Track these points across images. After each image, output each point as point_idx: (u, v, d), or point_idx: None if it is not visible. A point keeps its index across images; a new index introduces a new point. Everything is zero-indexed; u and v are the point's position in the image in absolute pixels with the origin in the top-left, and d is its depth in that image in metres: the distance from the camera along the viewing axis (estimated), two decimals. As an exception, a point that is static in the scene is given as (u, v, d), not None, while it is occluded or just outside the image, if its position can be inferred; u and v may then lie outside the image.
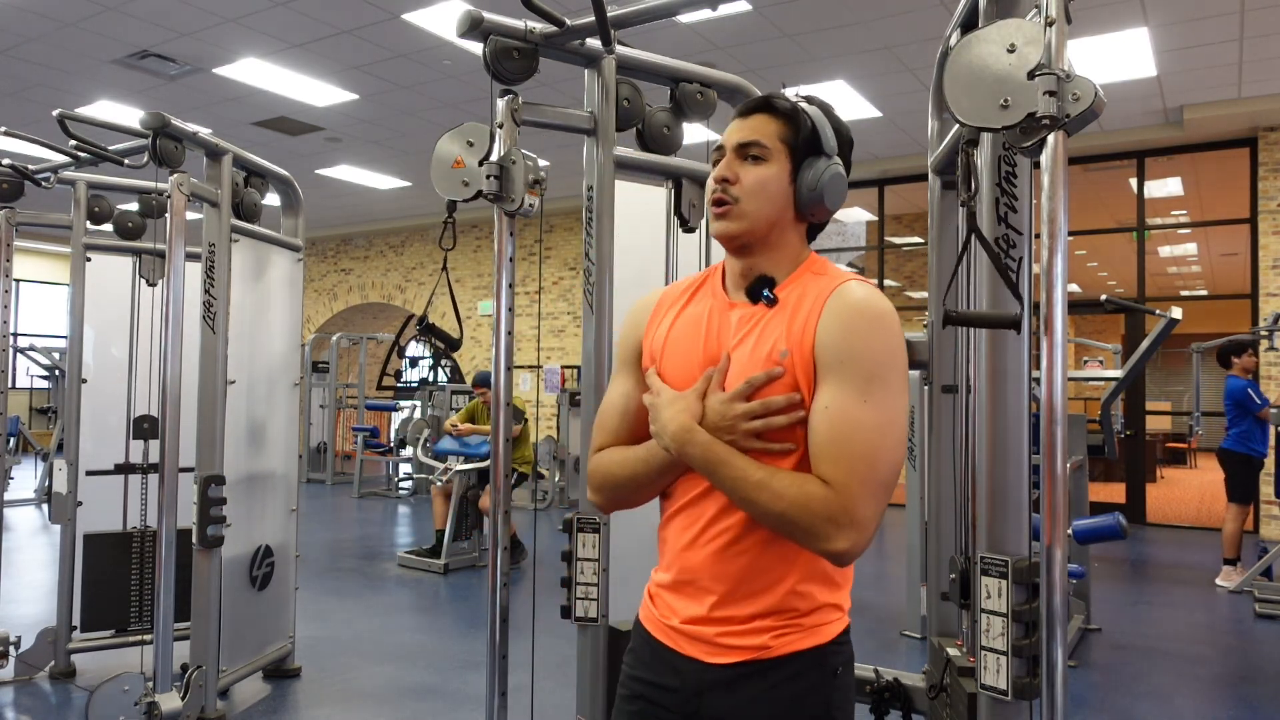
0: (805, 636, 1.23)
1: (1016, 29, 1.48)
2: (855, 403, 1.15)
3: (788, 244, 1.30)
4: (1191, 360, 7.80)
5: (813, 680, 1.22)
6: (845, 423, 1.15)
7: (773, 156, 1.28)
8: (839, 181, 1.30)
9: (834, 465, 1.14)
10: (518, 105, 2.18)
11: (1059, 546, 1.49)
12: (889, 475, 1.16)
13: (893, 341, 1.19)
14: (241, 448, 3.76)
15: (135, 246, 4.23)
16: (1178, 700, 3.94)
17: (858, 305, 1.19)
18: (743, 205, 1.26)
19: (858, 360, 1.16)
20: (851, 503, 1.13)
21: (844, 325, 1.18)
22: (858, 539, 1.14)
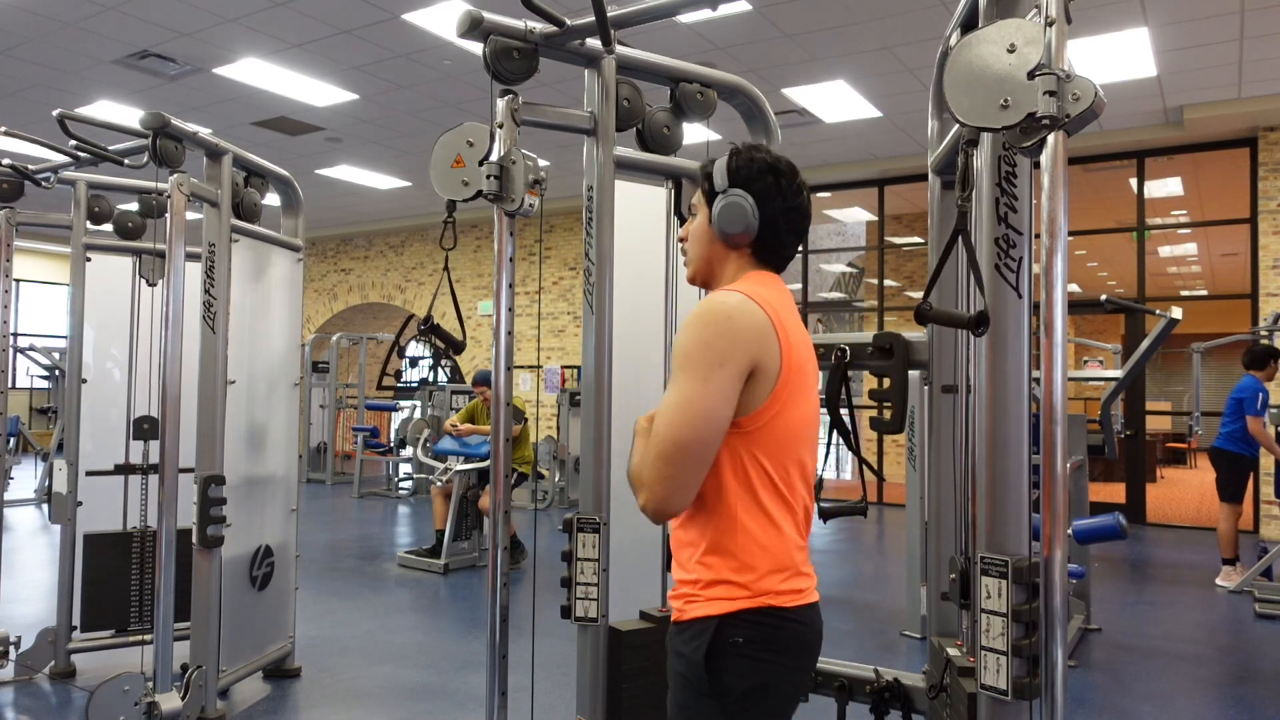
0: (700, 606, 1.45)
1: (1016, 29, 1.49)
2: (667, 390, 1.43)
3: (725, 270, 1.59)
4: (1191, 360, 7.80)
5: (699, 641, 1.43)
6: (660, 407, 1.42)
7: (699, 209, 1.62)
8: (728, 209, 1.55)
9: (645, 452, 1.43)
10: (518, 105, 2.18)
11: (1059, 546, 1.50)
12: (669, 449, 1.38)
13: (697, 334, 1.41)
14: (241, 448, 3.76)
15: (135, 246, 4.23)
16: (1178, 700, 3.94)
17: (691, 312, 1.46)
18: (689, 253, 1.62)
19: (674, 354, 1.44)
20: (643, 469, 1.41)
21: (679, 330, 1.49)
22: (647, 498, 1.41)
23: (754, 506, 1.44)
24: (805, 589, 1.50)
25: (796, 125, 8.41)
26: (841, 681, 2.44)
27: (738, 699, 1.43)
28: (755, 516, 1.44)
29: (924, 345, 2.29)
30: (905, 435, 5.22)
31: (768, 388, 1.42)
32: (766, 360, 1.42)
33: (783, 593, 1.46)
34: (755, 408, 1.42)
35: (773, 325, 1.43)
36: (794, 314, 1.54)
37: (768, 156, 1.57)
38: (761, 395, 1.42)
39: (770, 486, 1.45)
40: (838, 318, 16.59)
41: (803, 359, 1.49)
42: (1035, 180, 1.69)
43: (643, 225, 2.56)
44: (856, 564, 7.17)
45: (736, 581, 1.44)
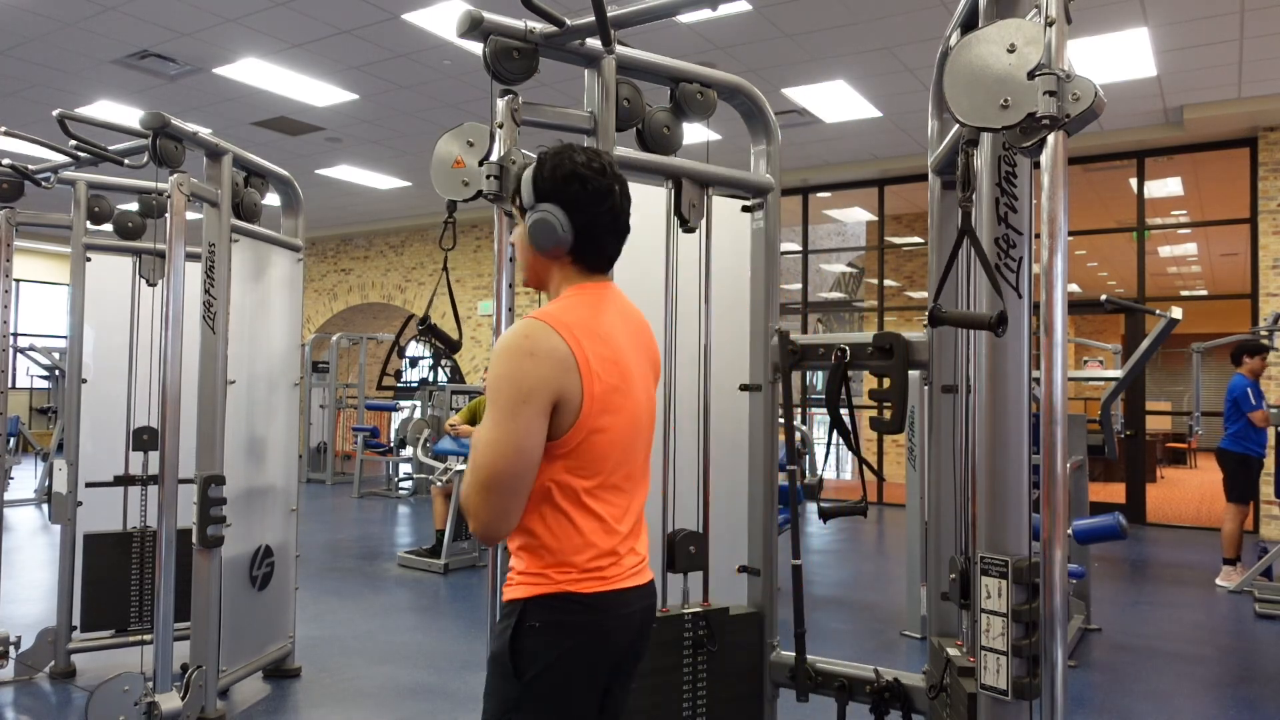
0: (515, 589, 1.57)
1: (1016, 29, 1.49)
2: (483, 421, 1.49)
3: (551, 280, 1.65)
4: (1191, 360, 7.79)
5: (508, 624, 1.56)
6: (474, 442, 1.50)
7: (518, 220, 1.65)
8: (538, 225, 1.58)
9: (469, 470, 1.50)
10: (518, 105, 2.18)
11: (1059, 546, 1.50)
12: (489, 475, 1.46)
13: (504, 369, 1.48)
14: (241, 448, 3.76)
15: (135, 246, 4.23)
16: (1178, 700, 3.94)
17: (497, 345, 1.52)
18: (518, 261, 1.69)
19: (488, 384, 1.51)
20: (468, 499, 1.48)
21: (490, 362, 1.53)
22: (475, 526, 1.49)
23: (558, 514, 1.54)
24: (613, 576, 1.58)
25: (796, 125, 8.40)
26: (841, 681, 2.44)
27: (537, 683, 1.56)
28: (559, 521, 1.54)
29: (924, 345, 2.29)
30: (905, 435, 5.22)
31: (571, 417, 1.50)
32: (568, 392, 1.49)
33: (583, 580, 1.56)
34: (562, 434, 1.50)
35: (574, 356, 1.49)
36: (614, 324, 1.61)
37: (570, 162, 1.58)
38: (567, 423, 1.50)
39: (575, 499, 1.54)
40: (838, 318, 16.59)
41: (611, 380, 1.55)
42: (1035, 180, 1.69)
43: (643, 225, 2.55)
44: (856, 564, 7.17)
45: (538, 572, 1.55)
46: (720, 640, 2.48)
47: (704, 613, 2.48)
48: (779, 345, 2.58)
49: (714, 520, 2.60)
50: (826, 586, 6.20)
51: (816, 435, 12.18)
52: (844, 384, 2.35)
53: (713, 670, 2.47)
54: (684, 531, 2.49)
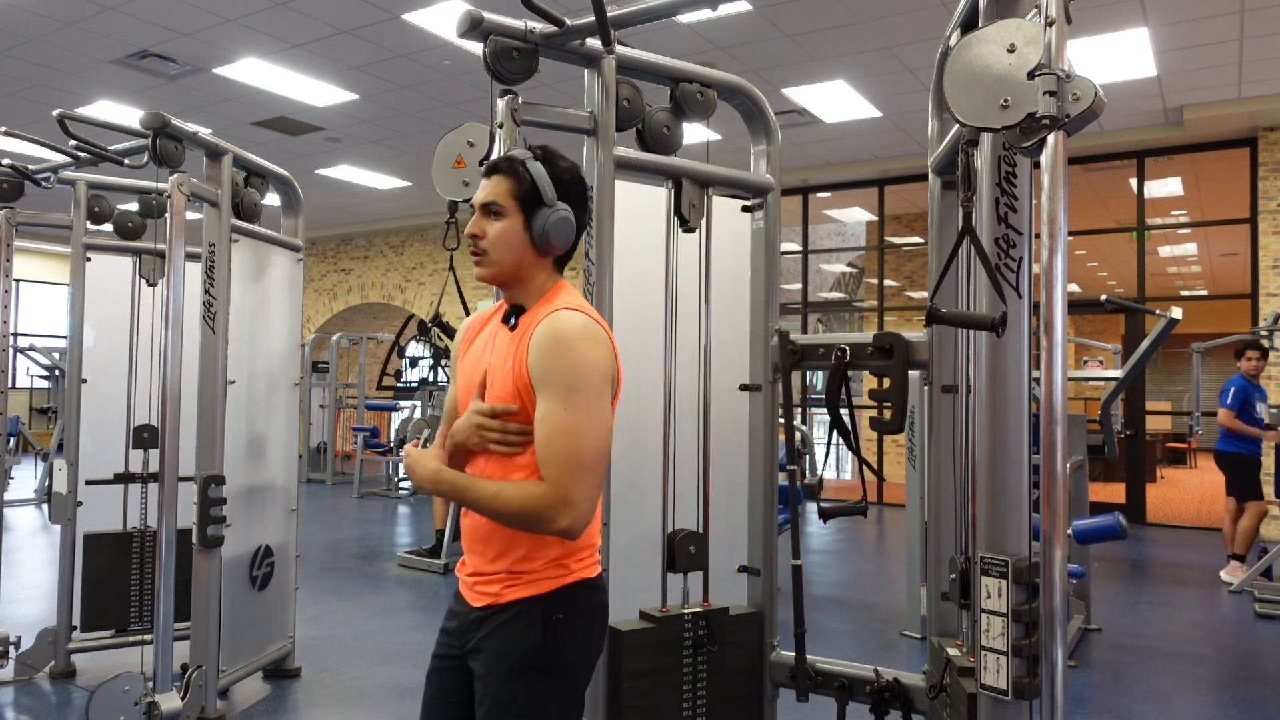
0: (530, 586, 1.54)
1: (1016, 29, 1.49)
2: (559, 411, 1.46)
3: (534, 277, 1.61)
4: (1191, 360, 7.79)
5: (527, 622, 1.53)
6: (553, 428, 1.46)
7: (507, 212, 1.57)
8: (562, 224, 1.58)
9: (548, 464, 1.45)
10: (518, 105, 2.18)
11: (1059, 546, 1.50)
12: (594, 462, 1.46)
13: (582, 356, 1.48)
14: (241, 448, 3.76)
15: (135, 246, 4.23)
16: (1178, 700, 3.94)
17: (554, 331, 1.50)
18: (490, 255, 1.58)
19: (555, 376, 1.47)
20: (565, 491, 1.44)
21: (543, 349, 1.49)
22: (576, 516, 1.45)
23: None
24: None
25: (796, 125, 8.40)
26: (841, 681, 2.44)
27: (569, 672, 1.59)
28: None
29: (924, 345, 2.29)
30: (905, 435, 5.22)
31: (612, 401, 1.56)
32: (616, 377, 1.57)
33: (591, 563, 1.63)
34: None
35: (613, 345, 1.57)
36: None
37: (577, 168, 1.66)
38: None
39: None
40: (838, 318, 16.59)
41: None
42: (1035, 180, 1.69)
43: (643, 225, 2.56)
44: (856, 564, 7.17)
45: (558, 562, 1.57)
46: (720, 640, 2.48)
47: (704, 613, 2.48)
48: (779, 345, 2.58)
49: (714, 520, 2.60)
50: (826, 586, 6.20)
51: (816, 435, 12.18)
52: (844, 384, 2.36)
53: (713, 670, 2.48)
54: (684, 531, 2.49)
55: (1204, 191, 10.50)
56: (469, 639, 1.60)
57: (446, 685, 1.65)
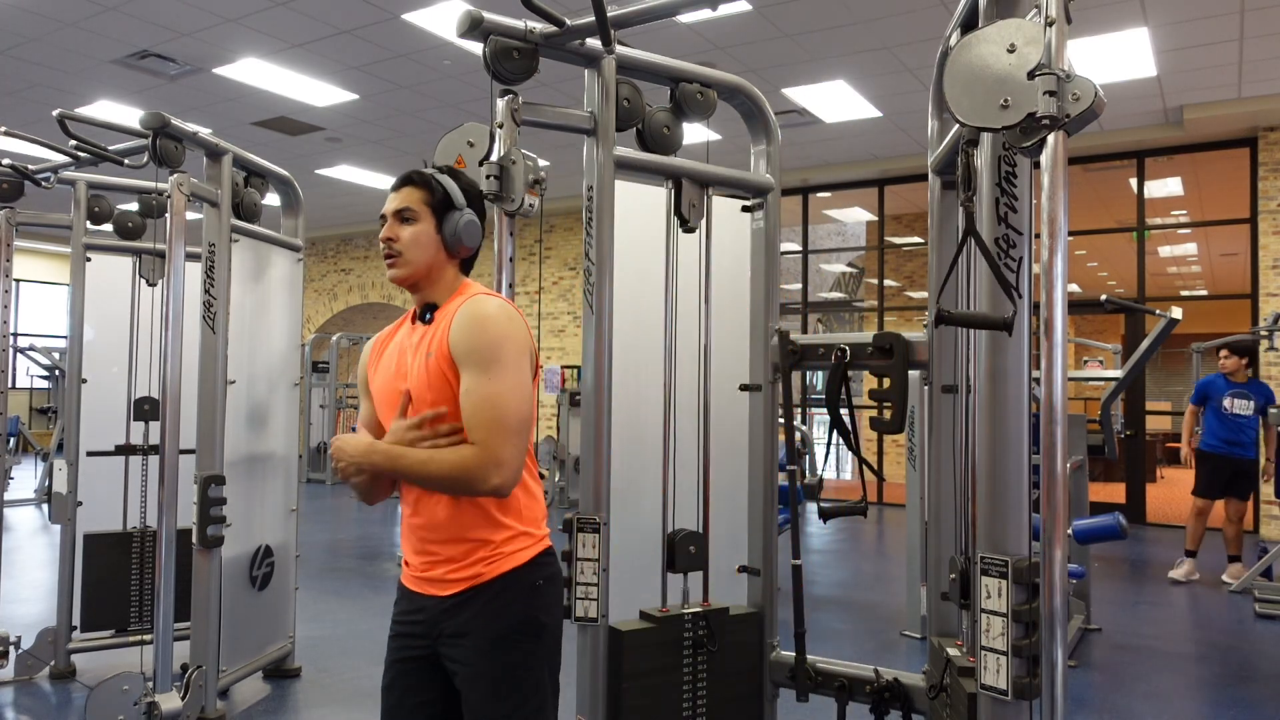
0: (508, 560, 1.64)
1: (1016, 29, 1.49)
2: (482, 381, 1.58)
3: (444, 276, 1.74)
4: (1191, 360, 7.79)
5: (516, 592, 1.64)
6: (479, 398, 1.57)
7: (420, 217, 1.71)
8: (472, 226, 1.75)
9: (476, 429, 1.57)
10: (518, 105, 2.18)
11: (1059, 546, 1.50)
12: (518, 425, 1.59)
13: (500, 330, 1.61)
14: (241, 448, 3.76)
15: (135, 246, 4.23)
16: (1178, 700, 3.94)
17: (473, 312, 1.63)
18: (405, 256, 1.70)
19: (477, 351, 1.59)
20: (494, 452, 1.55)
21: (464, 328, 1.62)
22: (505, 475, 1.57)
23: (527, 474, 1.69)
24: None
25: (796, 125, 8.40)
26: (841, 681, 2.44)
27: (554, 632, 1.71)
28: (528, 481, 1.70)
29: (924, 345, 2.29)
30: (905, 435, 5.22)
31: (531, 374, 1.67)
32: (534, 352, 1.70)
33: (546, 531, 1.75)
34: None
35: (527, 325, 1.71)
36: None
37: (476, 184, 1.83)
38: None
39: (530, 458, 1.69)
40: (838, 318, 16.59)
41: None
42: (1035, 180, 1.69)
43: (643, 225, 2.56)
44: (856, 564, 7.17)
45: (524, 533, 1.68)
46: (720, 640, 2.48)
47: (704, 613, 2.48)
48: (779, 345, 2.58)
49: (714, 520, 2.60)
50: (826, 586, 6.19)
51: (816, 435, 12.18)
52: (844, 384, 2.36)
53: (713, 670, 2.47)
54: (684, 531, 2.49)
55: (1204, 191, 10.50)
56: (443, 627, 1.66)
57: (412, 687, 1.70)
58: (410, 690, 1.70)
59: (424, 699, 1.69)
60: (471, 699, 1.63)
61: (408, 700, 1.70)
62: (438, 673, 1.68)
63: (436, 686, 1.69)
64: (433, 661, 1.68)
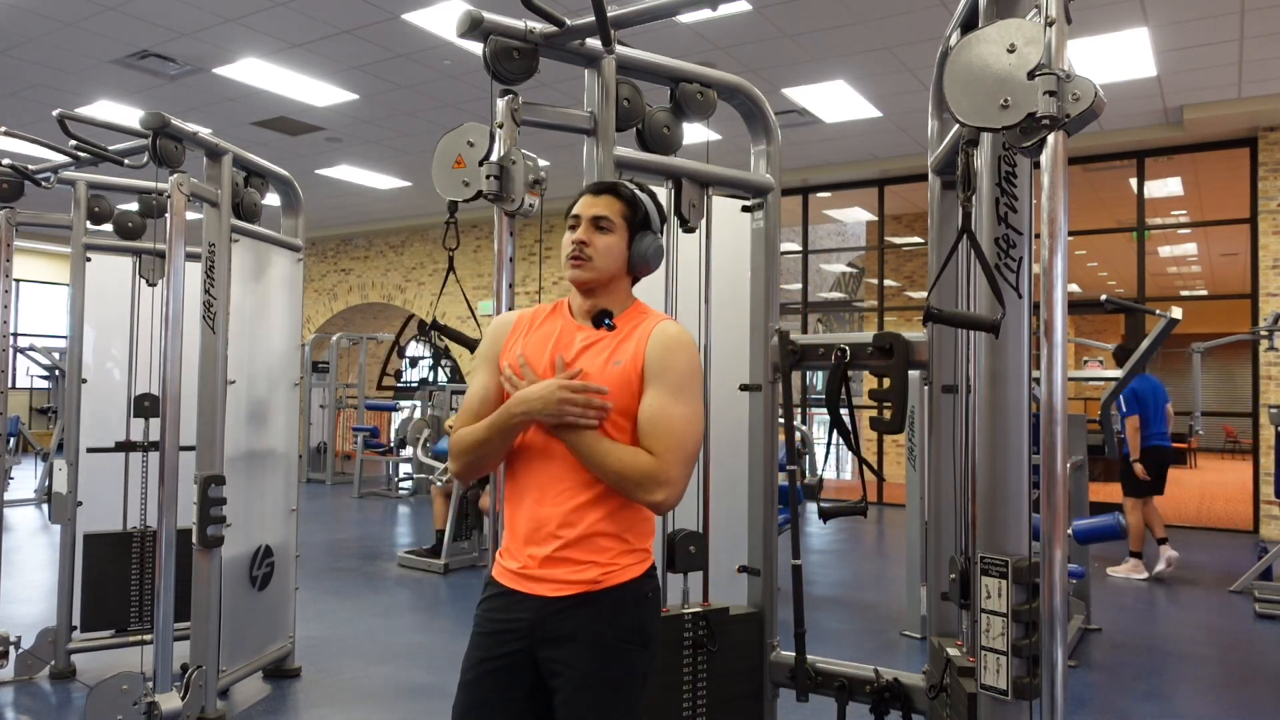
0: (624, 572, 1.68)
1: (1016, 29, 1.49)
2: (671, 402, 1.65)
3: (621, 289, 1.80)
4: (1191, 360, 7.79)
5: (631, 601, 1.68)
6: (664, 414, 1.64)
7: (616, 229, 1.76)
8: (659, 252, 1.82)
9: (655, 441, 1.63)
10: (518, 105, 2.18)
11: (1059, 546, 1.50)
12: (693, 450, 1.67)
13: (694, 362, 1.71)
14: (241, 448, 3.76)
15: (135, 246, 4.23)
16: (1178, 700, 3.94)
17: (675, 335, 1.71)
18: (595, 262, 1.74)
19: (671, 372, 1.67)
20: (670, 468, 1.61)
21: (665, 350, 1.68)
22: (670, 494, 1.62)
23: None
24: None
25: (796, 125, 8.40)
26: (841, 681, 2.44)
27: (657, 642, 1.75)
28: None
29: (924, 345, 2.29)
30: (905, 435, 5.22)
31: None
32: None
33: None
34: None
35: None
36: None
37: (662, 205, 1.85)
38: None
39: None
40: (838, 318, 16.59)
41: None
42: (1035, 180, 1.69)
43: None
44: (856, 564, 7.17)
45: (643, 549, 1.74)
46: (720, 640, 2.48)
47: (704, 613, 2.48)
48: (779, 345, 2.58)
49: (714, 520, 2.60)
50: (826, 586, 6.19)
51: (816, 435, 12.18)
52: (844, 384, 2.36)
53: (713, 670, 2.47)
54: (684, 531, 2.49)
55: (1204, 191, 10.49)
56: (549, 628, 1.65)
57: (501, 685, 1.69)
58: (498, 688, 1.69)
59: (511, 697, 1.69)
60: (575, 701, 1.63)
61: (494, 697, 1.69)
62: (528, 673, 1.68)
63: (525, 686, 1.69)
64: (526, 661, 1.68)
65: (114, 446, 4.16)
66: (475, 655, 1.73)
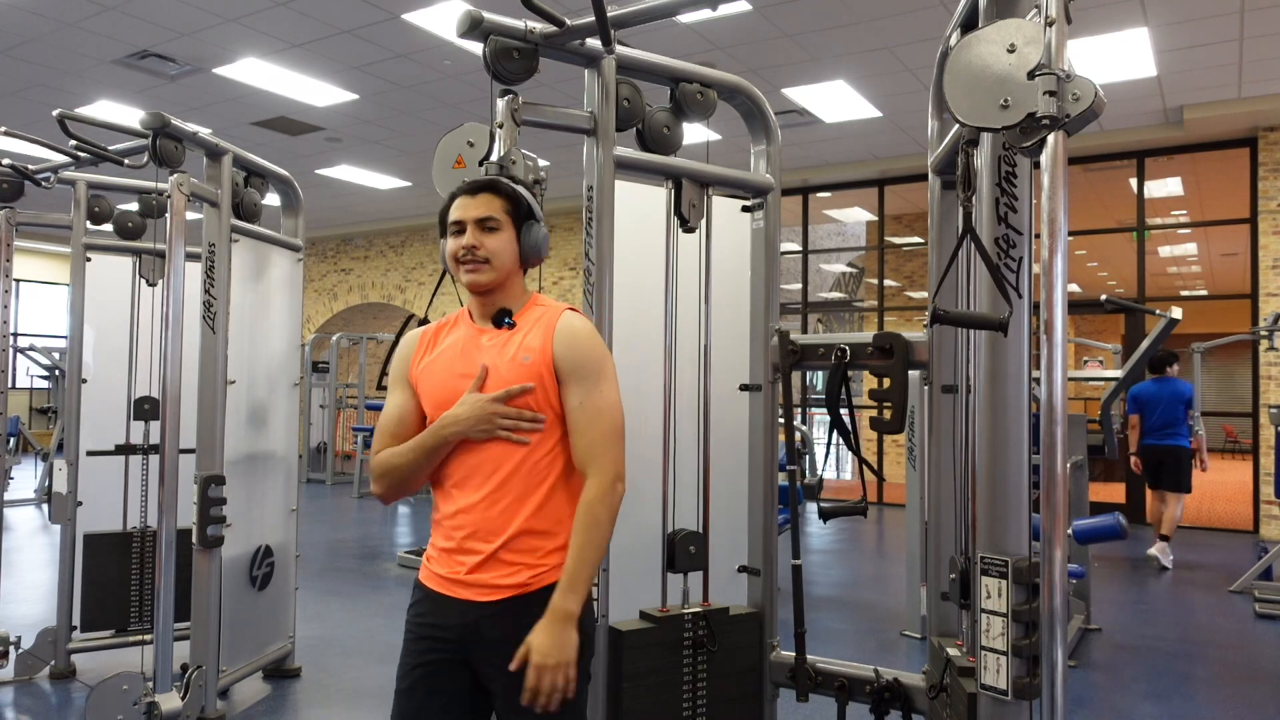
0: (555, 572, 1.66)
1: (1016, 29, 1.49)
2: (594, 395, 1.68)
3: (516, 284, 1.79)
4: (1191, 360, 7.79)
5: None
6: (593, 409, 1.67)
7: (502, 226, 1.74)
8: (546, 239, 1.81)
9: (594, 440, 1.66)
10: (518, 105, 2.18)
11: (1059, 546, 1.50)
12: (622, 434, 1.71)
13: (601, 347, 1.74)
14: (241, 448, 3.76)
15: (135, 246, 4.23)
16: (1178, 700, 3.94)
17: (579, 328, 1.72)
18: (493, 263, 1.72)
19: (585, 365, 1.69)
20: (616, 465, 1.67)
21: (570, 343, 1.69)
22: (622, 481, 1.68)
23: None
24: None
25: (796, 125, 8.40)
26: (841, 681, 2.44)
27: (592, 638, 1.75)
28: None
29: (924, 345, 2.29)
30: (905, 435, 5.22)
31: None
32: None
33: None
34: None
35: None
36: None
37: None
38: None
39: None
40: (838, 318, 16.59)
41: None
42: (1035, 180, 1.69)
43: (642, 225, 2.56)
44: (856, 564, 7.17)
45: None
46: (720, 640, 2.48)
47: (704, 613, 2.48)
48: (779, 345, 2.58)
49: (714, 520, 2.60)
50: (826, 586, 6.20)
51: (816, 435, 12.18)
52: (844, 384, 2.36)
53: (713, 670, 2.47)
54: (684, 531, 2.49)
55: (1204, 191, 10.49)
56: (481, 633, 1.65)
57: (437, 690, 1.69)
58: (435, 694, 1.69)
59: (448, 702, 1.68)
60: (515, 705, 1.62)
61: (432, 704, 1.69)
62: (464, 676, 1.68)
63: (464, 690, 1.69)
64: (461, 665, 1.68)
65: (114, 450, 4.16)
66: (408, 662, 1.72)
